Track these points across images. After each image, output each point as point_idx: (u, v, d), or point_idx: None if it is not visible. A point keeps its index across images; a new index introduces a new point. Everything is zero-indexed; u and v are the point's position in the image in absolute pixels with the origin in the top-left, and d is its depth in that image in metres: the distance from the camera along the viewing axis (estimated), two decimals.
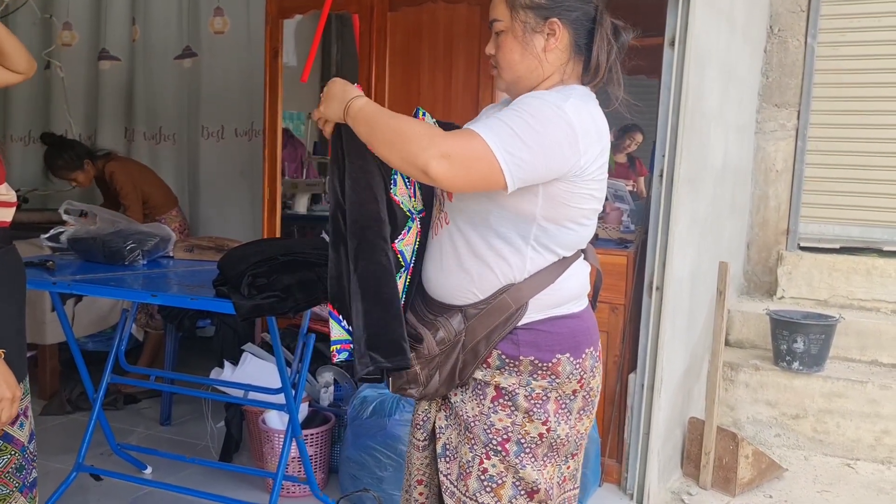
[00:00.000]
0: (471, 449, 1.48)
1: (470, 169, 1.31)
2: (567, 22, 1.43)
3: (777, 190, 4.18)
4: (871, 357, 3.64)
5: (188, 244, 2.96)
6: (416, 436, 1.62)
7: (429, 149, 1.30)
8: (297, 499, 2.85)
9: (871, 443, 3.38)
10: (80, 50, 5.06)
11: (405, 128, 1.35)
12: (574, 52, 1.46)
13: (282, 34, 3.72)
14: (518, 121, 1.33)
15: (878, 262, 3.91)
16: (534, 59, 1.45)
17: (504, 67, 1.48)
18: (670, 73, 2.70)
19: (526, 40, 1.44)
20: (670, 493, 3.02)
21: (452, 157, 1.30)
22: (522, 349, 1.44)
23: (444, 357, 1.46)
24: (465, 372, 1.47)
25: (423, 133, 1.33)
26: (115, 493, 2.85)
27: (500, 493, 1.46)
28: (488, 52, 1.51)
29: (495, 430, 1.45)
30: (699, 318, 3.24)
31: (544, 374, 1.45)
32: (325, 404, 3.10)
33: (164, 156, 4.90)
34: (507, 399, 1.45)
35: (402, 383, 1.50)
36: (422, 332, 1.47)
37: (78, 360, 2.80)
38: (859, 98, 4.03)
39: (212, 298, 2.11)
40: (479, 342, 1.44)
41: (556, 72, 1.46)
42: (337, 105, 1.43)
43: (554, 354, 1.45)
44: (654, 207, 2.78)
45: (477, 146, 1.31)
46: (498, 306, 1.43)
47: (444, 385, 1.48)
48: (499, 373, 1.46)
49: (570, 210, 1.42)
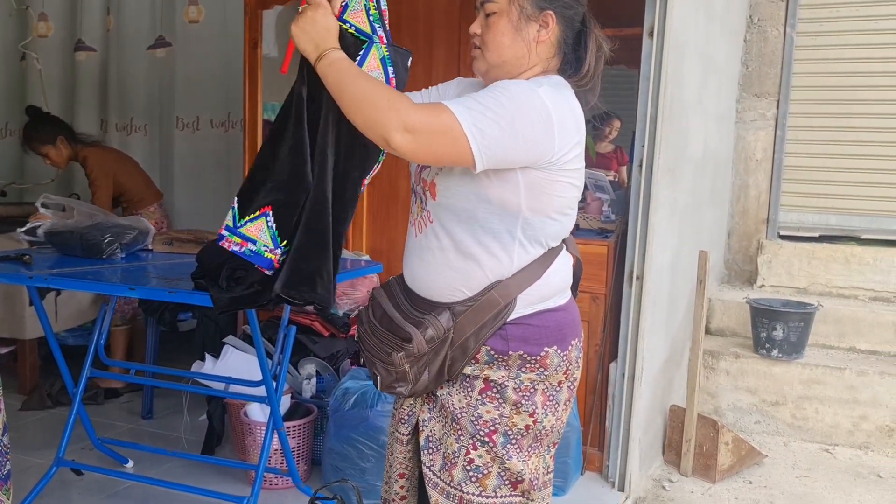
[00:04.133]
0: (457, 440, 1.48)
1: (434, 143, 1.31)
2: (561, 18, 1.46)
3: (757, 179, 4.21)
4: (850, 344, 3.69)
5: (167, 237, 2.94)
6: (400, 430, 1.61)
7: (393, 119, 1.30)
8: (279, 491, 2.85)
9: (850, 428, 3.42)
10: (56, 41, 5.00)
11: (373, 93, 1.35)
12: (559, 50, 1.48)
13: (261, 25, 3.69)
14: (490, 99, 1.33)
15: (857, 250, 3.95)
16: (523, 46, 1.45)
17: (491, 49, 1.46)
18: (649, 63, 2.71)
19: (520, 26, 1.44)
20: (652, 481, 3.05)
21: (417, 129, 1.30)
22: (511, 344, 1.45)
23: (432, 354, 1.45)
24: (454, 368, 1.47)
25: (390, 102, 1.32)
26: (96, 488, 2.83)
27: (484, 482, 1.47)
28: (473, 30, 1.50)
29: (483, 421, 1.46)
30: (680, 306, 3.26)
31: (533, 367, 1.46)
32: (308, 396, 3.09)
33: (136, 146, 4.84)
34: (495, 391, 1.46)
35: (391, 381, 1.49)
36: (410, 330, 1.46)
37: (57, 355, 2.78)
38: (838, 87, 4.06)
39: (190, 291, 2.10)
40: (468, 339, 1.44)
41: (540, 63, 1.48)
42: (311, 46, 1.42)
43: (542, 348, 1.46)
44: (633, 197, 2.79)
45: (445, 120, 1.30)
46: (486, 303, 1.44)
47: (432, 382, 1.48)
48: (488, 367, 1.46)
49: (553, 200, 1.43)
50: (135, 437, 3.35)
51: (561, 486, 2.78)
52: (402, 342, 1.46)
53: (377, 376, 1.52)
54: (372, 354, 1.54)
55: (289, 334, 2.66)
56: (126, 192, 3.85)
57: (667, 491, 2.96)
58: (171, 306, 3.51)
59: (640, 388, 2.84)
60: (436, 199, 1.47)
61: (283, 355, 2.64)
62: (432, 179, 1.46)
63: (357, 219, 3.53)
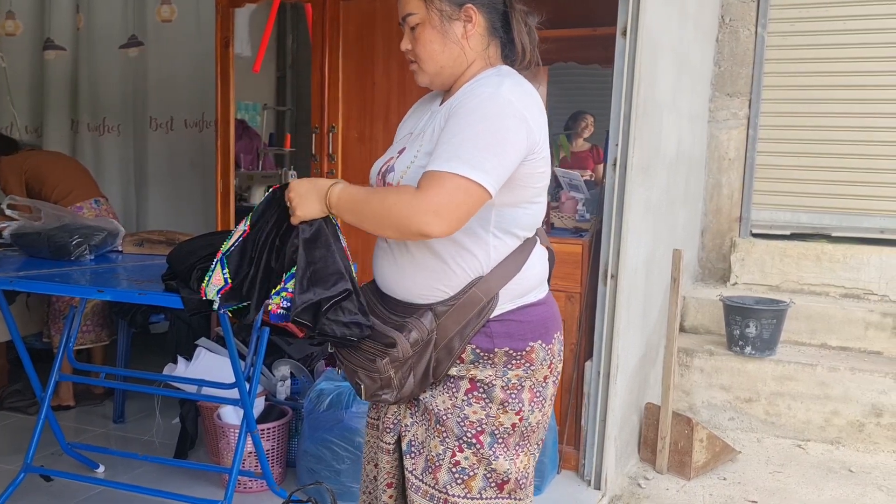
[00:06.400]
0: (441, 442, 1.47)
1: (458, 208, 1.32)
2: (480, 6, 1.46)
3: (730, 178, 4.25)
4: (821, 340, 3.73)
5: (138, 238, 2.90)
6: (386, 439, 1.58)
7: (416, 213, 1.31)
8: (254, 494, 2.82)
9: (821, 424, 3.46)
10: (24, 40, 4.92)
11: (387, 202, 1.36)
12: (491, 36, 1.49)
13: (233, 23, 3.65)
14: (472, 131, 1.34)
15: (828, 248, 4.00)
16: (455, 47, 1.46)
17: (425, 59, 1.49)
18: (623, 62, 2.71)
19: (444, 29, 1.45)
20: (628, 479, 3.06)
21: (439, 209, 1.31)
22: (497, 341, 1.44)
23: (417, 357, 1.43)
24: (440, 370, 1.45)
25: (403, 201, 1.33)
26: (66, 494, 2.78)
27: (470, 484, 1.46)
28: (404, 47, 1.52)
29: (469, 422, 1.45)
30: (654, 305, 3.28)
31: (519, 363, 1.45)
32: (282, 398, 3.07)
33: (109, 147, 4.78)
34: (481, 392, 1.45)
35: (376, 389, 1.45)
36: (393, 335, 1.43)
37: (24, 359, 2.73)
38: (809, 87, 4.11)
39: (160, 293, 2.07)
40: (452, 339, 1.43)
41: (479, 57, 1.48)
42: (316, 201, 1.43)
43: (527, 343, 1.46)
44: (608, 196, 2.80)
45: (453, 184, 1.31)
46: (468, 301, 1.43)
47: (418, 386, 1.46)
48: (473, 366, 1.45)
49: (526, 191, 1.44)
50: (105, 442, 3.30)
51: (537, 485, 2.78)
52: (386, 348, 1.43)
53: (360, 385, 1.49)
54: (353, 363, 1.49)
55: (262, 336, 2.63)
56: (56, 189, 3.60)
57: (642, 489, 2.98)
58: (143, 308, 3.46)
59: (616, 386, 2.85)
60: None
61: (257, 357, 2.61)
62: (397, 182, 1.46)
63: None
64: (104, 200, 3.76)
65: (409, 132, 1.56)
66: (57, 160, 3.84)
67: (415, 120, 1.59)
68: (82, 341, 3.60)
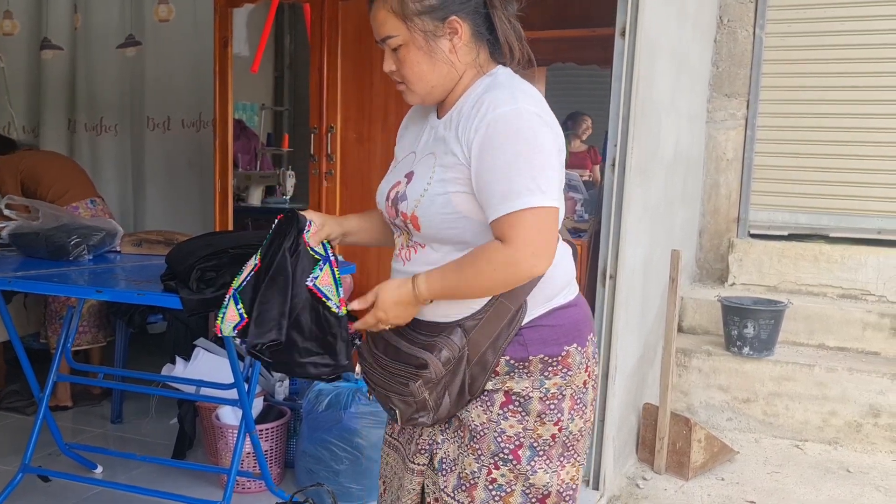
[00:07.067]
0: (477, 459, 1.42)
1: (548, 238, 1.33)
2: (465, 15, 1.37)
3: (727, 178, 4.25)
4: (819, 341, 3.74)
5: (136, 238, 2.89)
6: (418, 460, 1.51)
7: (519, 270, 1.32)
8: (252, 494, 2.82)
9: (819, 424, 3.46)
10: (21, 39, 4.91)
11: (485, 274, 1.34)
12: (478, 41, 1.40)
13: (231, 23, 3.65)
14: (517, 159, 1.30)
15: (825, 249, 4.00)
16: (444, 65, 1.38)
17: (414, 81, 1.41)
18: (621, 62, 2.71)
19: (431, 48, 1.37)
20: (626, 479, 3.06)
21: (535, 250, 1.31)
22: (531, 348, 1.40)
23: (450, 376, 1.38)
24: (475, 386, 1.40)
25: (499, 263, 1.32)
26: (64, 494, 2.78)
27: (508, 501, 1.41)
28: (387, 69, 1.43)
29: (506, 437, 1.40)
30: (652, 305, 3.28)
31: (556, 369, 1.41)
32: (281, 398, 3.06)
33: (106, 147, 4.78)
34: (517, 405, 1.40)
35: (412, 413, 1.41)
36: (424, 356, 1.38)
37: (22, 359, 2.72)
38: (806, 87, 4.11)
39: (159, 293, 2.06)
40: (485, 352, 1.39)
41: (469, 67, 1.41)
42: (408, 307, 1.40)
43: (562, 347, 1.41)
44: (606, 196, 2.80)
45: (534, 219, 1.30)
46: (497, 312, 1.38)
47: (454, 405, 1.41)
48: (509, 377, 1.40)
49: None
50: (103, 442, 3.29)
51: None
52: (417, 369, 1.38)
53: (395, 410, 1.44)
54: (385, 389, 1.45)
55: None
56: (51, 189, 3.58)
57: (641, 489, 2.98)
58: (141, 309, 3.45)
59: (614, 386, 2.85)
60: (420, 231, 1.40)
61: None
62: (412, 212, 1.40)
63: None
64: (100, 200, 3.75)
65: (410, 151, 1.49)
66: (53, 160, 3.83)
67: (412, 137, 1.52)
68: (79, 342, 3.59)
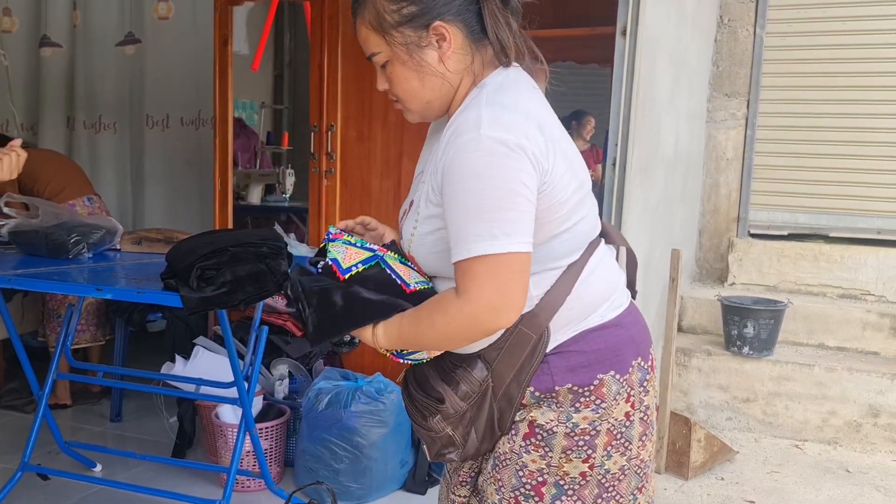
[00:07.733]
0: (497, 490, 1.31)
1: (510, 287, 1.16)
2: (452, 17, 1.21)
3: (727, 178, 4.25)
4: (818, 341, 3.74)
5: (136, 236, 2.89)
6: (459, 492, 1.44)
7: (474, 323, 1.18)
8: (252, 493, 2.82)
9: (819, 424, 3.46)
10: (20, 37, 4.90)
11: (437, 327, 1.21)
12: (474, 44, 1.24)
13: (231, 21, 3.64)
14: (471, 198, 1.14)
15: (825, 248, 4.00)
16: (435, 78, 1.23)
17: (407, 99, 1.27)
18: (622, 62, 2.71)
19: (417, 61, 1.22)
20: None
21: (492, 301, 1.16)
22: (557, 377, 1.25)
23: (476, 411, 1.29)
24: (504, 420, 1.29)
25: (452, 317, 1.18)
26: (63, 492, 2.78)
27: None
28: (380, 88, 1.30)
29: (528, 472, 1.28)
30: (652, 304, 3.28)
31: (587, 400, 1.25)
32: (281, 397, 3.06)
33: (105, 145, 4.77)
34: (540, 439, 1.27)
35: (439, 448, 1.33)
36: (441, 389, 1.29)
37: (22, 357, 2.72)
38: (807, 87, 4.11)
39: (159, 292, 2.06)
40: (509, 385, 1.26)
41: (464, 76, 1.25)
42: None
43: (595, 375, 1.26)
44: (607, 195, 2.80)
45: (490, 266, 1.14)
46: (517, 341, 1.25)
47: (484, 441, 1.31)
48: (536, 408, 1.27)
49: (548, 226, 1.22)
50: (103, 441, 3.29)
51: None
52: (437, 403, 1.30)
53: (424, 445, 1.38)
54: (415, 423, 1.37)
55: (261, 335, 2.63)
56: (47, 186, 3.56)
57: None
58: (141, 307, 3.45)
59: None
60: (423, 267, 1.31)
61: (255, 356, 2.61)
62: (408, 251, 1.31)
63: (330, 218, 3.51)
64: (97, 198, 3.74)
65: (420, 170, 1.36)
66: (50, 157, 3.81)
67: (428, 150, 1.38)
68: (79, 340, 3.59)
